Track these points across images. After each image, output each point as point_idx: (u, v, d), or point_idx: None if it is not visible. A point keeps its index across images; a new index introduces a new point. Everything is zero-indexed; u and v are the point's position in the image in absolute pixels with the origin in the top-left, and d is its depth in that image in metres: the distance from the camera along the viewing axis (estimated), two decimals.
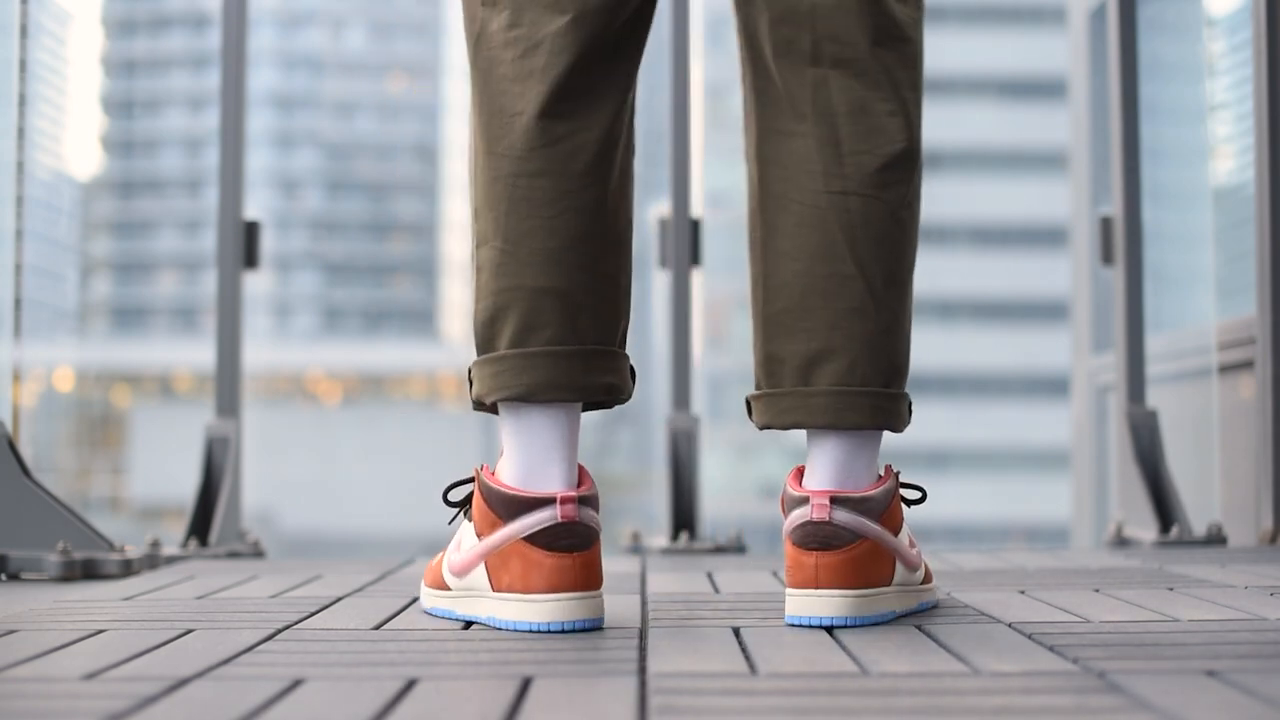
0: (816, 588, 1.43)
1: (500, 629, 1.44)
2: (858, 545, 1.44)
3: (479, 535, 1.47)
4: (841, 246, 1.48)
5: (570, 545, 1.41)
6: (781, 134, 1.50)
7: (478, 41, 1.50)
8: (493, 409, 1.51)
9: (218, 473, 2.79)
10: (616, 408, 1.53)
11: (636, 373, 1.54)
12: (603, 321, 1.48)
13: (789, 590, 1.45)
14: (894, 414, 1.51)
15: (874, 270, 1.48)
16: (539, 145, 1.45)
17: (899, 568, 1.50)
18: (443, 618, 1.54)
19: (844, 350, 1.48)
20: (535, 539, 1.41)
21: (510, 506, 1.43)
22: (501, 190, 1.46)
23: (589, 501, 1.43)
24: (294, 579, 1.97)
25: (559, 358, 1.45)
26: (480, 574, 1.47)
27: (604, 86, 1.47)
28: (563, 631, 1.40)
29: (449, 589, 1.53)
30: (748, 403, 1.57)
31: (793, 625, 1.44)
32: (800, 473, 1.51)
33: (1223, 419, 3.17)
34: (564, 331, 1.45)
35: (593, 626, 1.42)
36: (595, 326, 1.47)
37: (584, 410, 1.51)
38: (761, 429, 1.55)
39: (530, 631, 1.41)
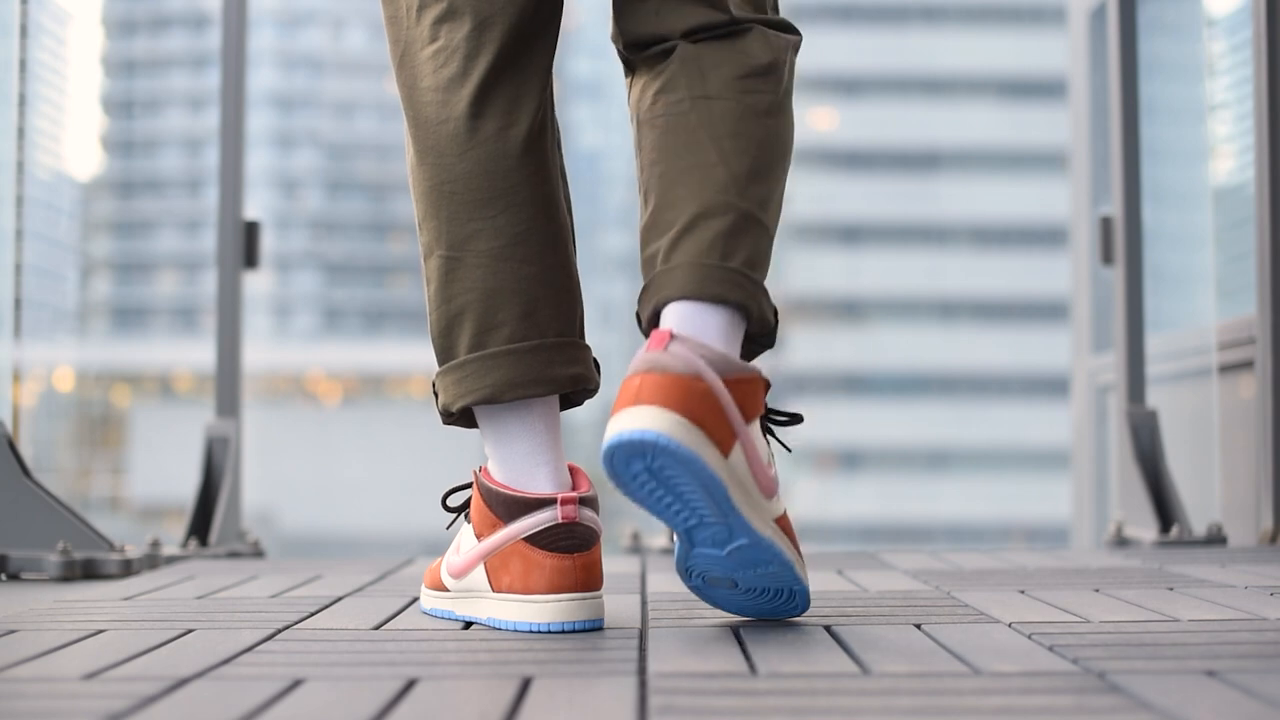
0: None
1: (500, 629, 1.44)
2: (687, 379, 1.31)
3: (478, 536, 1.47)
4: (702, 138, 1.44)
5: (571, 546, 1.41)
6: (652, 73, 1.50)
7: (402, 59, 1.52)
8: (462, 420, 1.51)
9: (218, 473, 2.79)
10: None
11: (600, 366, 1.54)
12: (559, 313, 1.48)
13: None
14: (752, 295, 1.41)
15: (736, 161, 1.43)
16: (467, 148, 1.47)
17: (739, 452, 1.35)
18: (442, 618, 1.54)
19: (705, 229, 1.40)
20: (535, 540, 1.42)
21: (510, 507, 1.43)
22: (438, 198, 1.48)
23: (589, 503, 1.43)
24: (294, 579, 1.97)
25: (520, 354, 1.45)
26: (479, 575, 1.47)
27: (521, 83, 1.49)
28: (563, 632, 1.40)
29: (448, 590, 1.53)
30: (638, 316, 1.47)
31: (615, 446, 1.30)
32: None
33: (1223, 419, 3.16)
34: (521, 328, 1.46)
35: (593, 627, 1.42)
36: (552, 319, 1.47)
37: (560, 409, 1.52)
38: (645, 321, 1.43)
39: (530, 632, 1.41)
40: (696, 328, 1.37)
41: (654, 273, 1.42)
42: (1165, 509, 2.79)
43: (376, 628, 1.47)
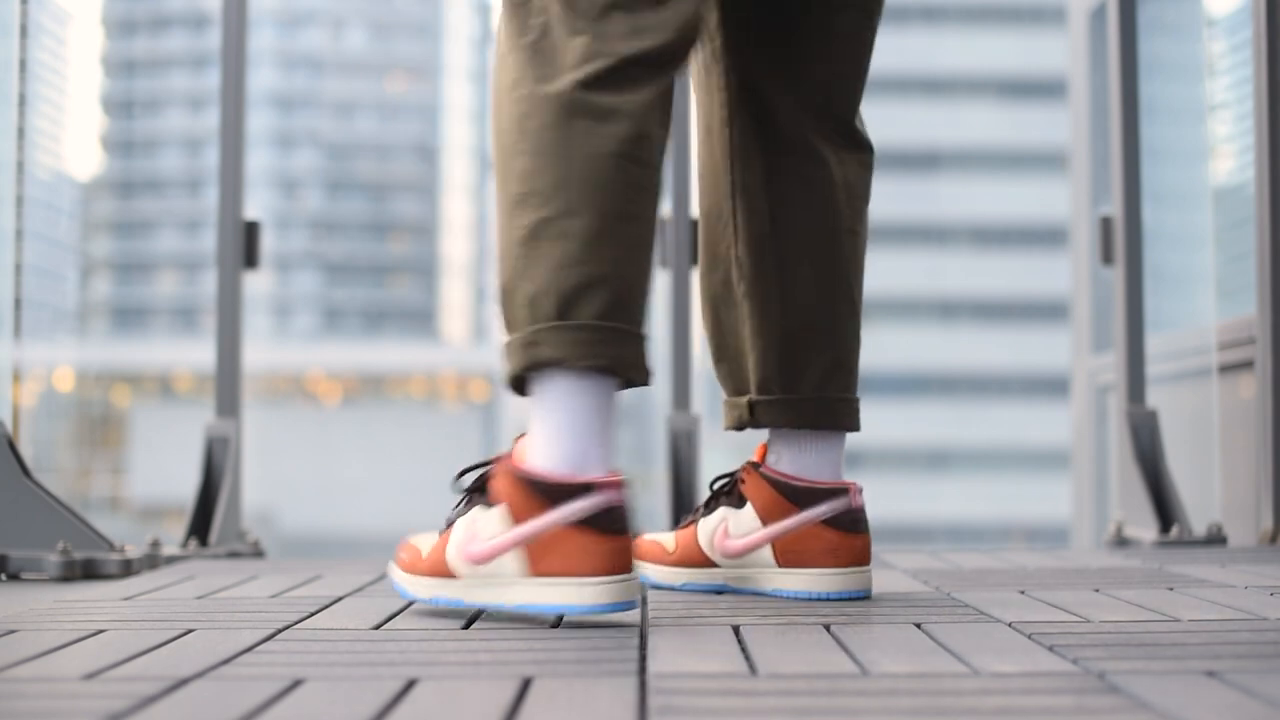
0: (861, 565, 1.69)
1: (532, 614, 1.46)
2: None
3: (517, 520, 1.46)
4: (845, 273, 1.76)
5: (622, 529, 1.45)
6: (791, 173, 1.75)
7: (542, 43, 1.56)
8: (519, 388, 1.52)
9: (218, 473, 2.79)
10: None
11: None
12: (647, 310, 1.58)
13: (835, 570, 1.68)
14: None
15: (858, 295, 1.78)
16: (644, 135, 1.53)
17: None
18: (445, 607, 1.54)
19: (849, 365, 1.76)
20: (590, 523, 1.43)
21: (557, 492, 1.44)
22: (603, 169, 1.50)
23: (626, 487, 1.48)
24: (294, 579, 1.97)
25: (638, 339, 1.52)
26: (513, 560, 1.46)
27: (668, 96, 1.59)
28: (613, 612, 1.44)
29: (455, 577, 1.52)
30: (750, 405, 1.76)
31: (831, 599, 1.67)
32: (758, 467, 1.74)
33: (1223, 419, 3.17)
34: (637, 314, 1.53)
35: (634, 607, 1.47)
36: (647, 313, 1.56)
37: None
38: (770, 428, 1.75)
39: (579, 615, 1.44)
40: (834, 454, 1.75)
41: (810, 395, 1.74)
42: (1165, 509, 2.79)
43: (376, 628, 1.47)
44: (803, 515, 1.69)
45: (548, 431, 1.48)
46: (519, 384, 1.52)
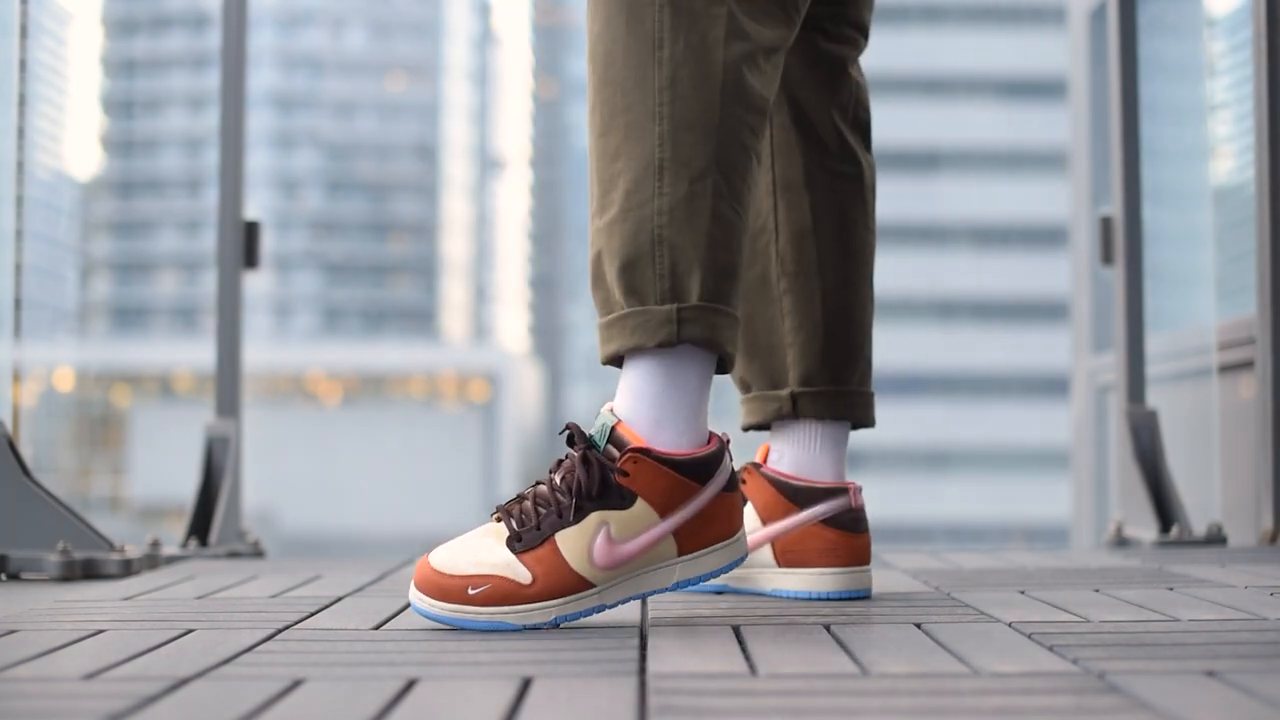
0: (862, 564, 1.70)
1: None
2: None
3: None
4: (870, 270, 1.83)
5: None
6: (833, 171, 1.79)
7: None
8: (616, 361, 1.52)
9: (218, 473, 2.79)
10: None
11: None
12: None
13: (835, 569, 1.69)
14: None
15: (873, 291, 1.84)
16: (764, 135, 1.58)
17: None
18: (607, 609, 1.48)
19: (870, 358, 1.81)
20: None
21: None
22: (745, 160, 1.54)
23: None
24: (294, 579, 1.97)
25: (738, 324, 1.57)
26: (666, 545, 1.50)
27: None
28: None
29: (589, 587, 1.45)
30: (793, 397, 1.76)
31: (832, 599, 1.68)
32: (759, 467, 1.76)
33: (1223, 419, 3.16)
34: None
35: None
36: None
37: None
38: (813, 420, 1.76)
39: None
40: (840, 450, 1.77)
41: (861, 389, 1.78)
42: (1165, 509, 2.79)
43: (376, 628, 1.47)
44: (802, 515, 1.70)
45: (682, 406, 1.50)
46: (633, 351, 1.51)
